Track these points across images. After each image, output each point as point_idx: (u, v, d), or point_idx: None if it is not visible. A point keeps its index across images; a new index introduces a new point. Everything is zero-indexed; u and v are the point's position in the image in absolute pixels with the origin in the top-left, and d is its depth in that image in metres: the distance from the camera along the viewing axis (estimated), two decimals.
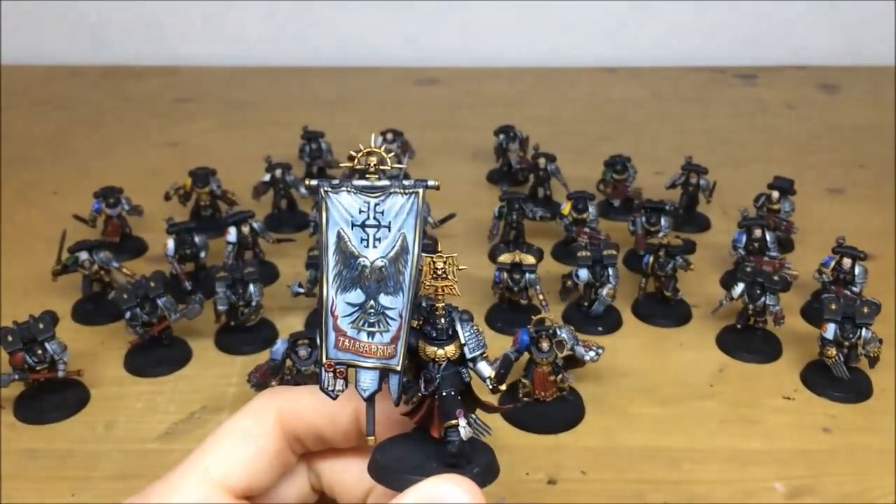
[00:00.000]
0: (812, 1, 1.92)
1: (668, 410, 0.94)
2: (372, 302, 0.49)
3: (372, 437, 0.50)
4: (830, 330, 0.96)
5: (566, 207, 1.20)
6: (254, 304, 1.04)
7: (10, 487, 0.84)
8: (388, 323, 0.49)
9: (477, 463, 0.48)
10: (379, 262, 0.49)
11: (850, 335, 0.95)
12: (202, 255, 1.14)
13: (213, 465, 0.50)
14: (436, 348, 0.49)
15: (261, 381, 0.93)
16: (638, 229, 1.20)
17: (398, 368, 0.49)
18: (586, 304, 1.08)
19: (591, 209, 1.20)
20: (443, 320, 0.49)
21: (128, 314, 1.00)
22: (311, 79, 1.91)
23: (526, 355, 0.92)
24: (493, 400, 0.55)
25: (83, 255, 1.08)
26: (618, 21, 1.96)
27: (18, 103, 1.76)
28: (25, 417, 0.93)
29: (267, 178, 1.29)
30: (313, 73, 1.93)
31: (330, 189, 0.49)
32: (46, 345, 0.92)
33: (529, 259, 1.05)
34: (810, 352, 1.01)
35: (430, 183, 0.49)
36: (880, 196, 1.40)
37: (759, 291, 1.02)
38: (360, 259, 0.49)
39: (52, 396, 0.94)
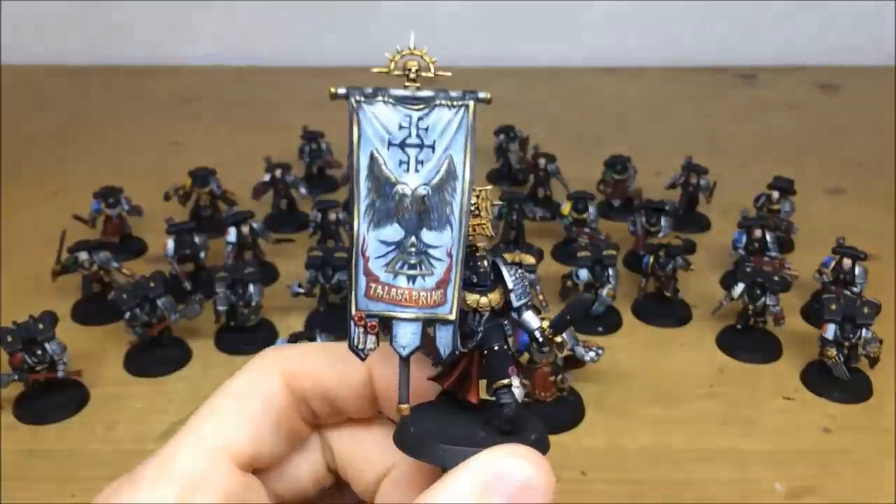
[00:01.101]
0: (812, 1, 1.92)
1: (668, 411, 0.94)
2: (413, 239, 0.41)
3: (406, 405, 0.42)
4: (830, 330, 0.96)
5: (566, 208, 1.20)
6: (253, 304, 1.04)
7: (10, 488, 0.84)
8: (431, 264, 0.41)
9: (530, 430, 0.41)
10: (421, 191, 0.40)
11: (851, 335, 0.95)
12: (202, 255, 1.14)
13: (212, 431, 0.43)
14: (478, 296, 0.42)
15: None
16: (638, 229, 1.20)
17: (451, 317, 0.41)
18: None
19: (591, 209, 1.20)
20: (485, 262, 0.43)
21: (128, 314, 1.00)
22: (310, 79, 1.91)
23: (525, 356, 0.92)
24: None
25: (83, 256, 1.08)
26: (618, 21, 1.96)
27: (18, 103, 1.76)
28: (25, 418, 0.93)
29: (267, 178, 1.29)
30: (313, 73, 1.93)
31: (363, 98, 0.40)
32: (46, 345, 0.92)
33: (529, 259, 1.05)
34: (810, 352, 1.01)
35: (482, 95, 0.40)
36: (880, 196, 1.40)
37: (759, 292, 1.02)
38: (399, 186, 0.40)
39: (52, 397, 0.94)
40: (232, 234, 1.14)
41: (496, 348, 0.42)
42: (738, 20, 1.95)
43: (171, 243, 1.12)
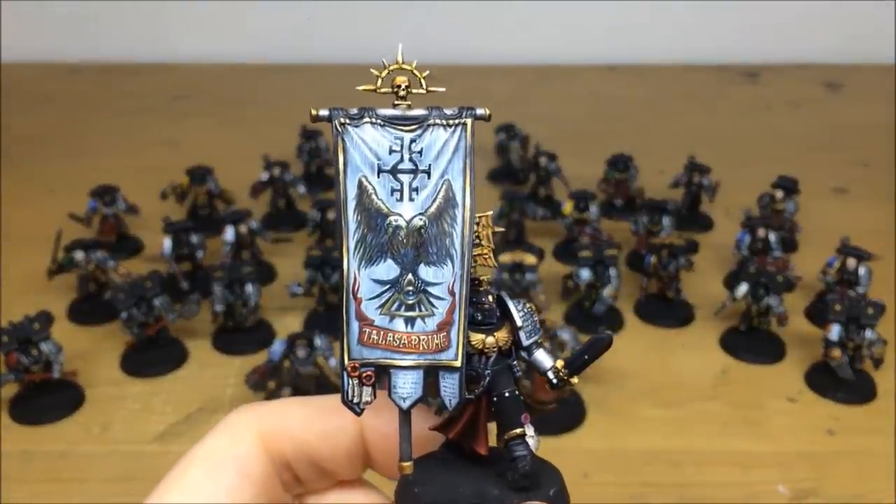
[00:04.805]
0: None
1: (671, 412, 0.93)
2: (409, 276, 0.37)
3: (409, 464, 0.38)
4: (835, 331, 0.95)
5: (568, 207, 1.19)
6: (251, 304, 1.03)
7: (6, 489, 0.83)
8: (431, 304, 0.37)
9: (547, 483, 0.38)
10: (417, 222, 0.36)
11: (855, 336, 0.94)
12: (199, 254, 1.13)
13: None
14: (483, 336, 0.38)
15: (259, 381, 0.92)
16: (640, 229, 1.19)
17: (457, 364, 0.37)
18: (587, 304, 1.07)
19: (593, 208, 1.19)
20: (490, 297, 0.39)
21: (124, 314, 0.99)
22: (309, 76, 1.90)
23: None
24: None
25: (79, 255, 1.08)
26: (620, 19, 1.94)
27: (16, 100, 1.75)
28: (21, 418, 0.92)
29: (265, 176, 1.28)
30: (312, 70, 1.92)
31: (348, 121, 0.36)
32: (41, 345, 0.92)
33: (530, 259, 1.04)
34: (815, 353, 1.00)
35: (480, 112, 0.37)
36: (885, 195, 1.39)
37: (762, 292, 1.01)
38: (391, 218, 0.36)
39: (48, 397, 0.93)
40: (230, 233, 1.13)
41: (507, 395, 0.38)
42: (741, 18, 1.93)
43: (168, 242, 1.11)
